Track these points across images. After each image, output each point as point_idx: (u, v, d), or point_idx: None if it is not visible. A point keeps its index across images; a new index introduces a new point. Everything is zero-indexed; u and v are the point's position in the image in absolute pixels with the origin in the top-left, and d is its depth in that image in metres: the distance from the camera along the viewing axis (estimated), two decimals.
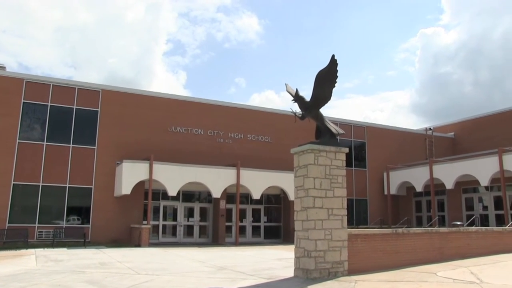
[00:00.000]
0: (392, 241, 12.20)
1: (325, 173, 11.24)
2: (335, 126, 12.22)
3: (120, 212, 25.20)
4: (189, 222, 27.74)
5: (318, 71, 11.24)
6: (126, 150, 25.86)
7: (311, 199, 10.94)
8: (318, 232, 10.82)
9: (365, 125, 35.54)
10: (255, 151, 29.81)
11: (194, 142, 28.16)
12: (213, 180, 25.84)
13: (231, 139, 29.47)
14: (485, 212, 29.12)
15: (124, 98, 26.90)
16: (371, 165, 34.58)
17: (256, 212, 29.94)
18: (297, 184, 11.53)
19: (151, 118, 27.22)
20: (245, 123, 30.05)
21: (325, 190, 11.15)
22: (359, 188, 33.64)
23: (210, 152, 28.32)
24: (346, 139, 32.85)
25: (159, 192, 26.46)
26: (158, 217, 26.79)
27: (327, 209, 11.07)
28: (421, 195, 33.13)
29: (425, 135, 37.84)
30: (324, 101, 11.65)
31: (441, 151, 37.21)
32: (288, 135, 29.63)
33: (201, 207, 28.32)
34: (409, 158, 35.42)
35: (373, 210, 33.76)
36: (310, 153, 11.22)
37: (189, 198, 28.22)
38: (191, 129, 28.34)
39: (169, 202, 27.26)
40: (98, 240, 24.32)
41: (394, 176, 33.37)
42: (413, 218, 33.71)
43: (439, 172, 29.70)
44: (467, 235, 14.68)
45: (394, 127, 37.55)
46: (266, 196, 30.02)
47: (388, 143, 35.51)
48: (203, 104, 29.21)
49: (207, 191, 26.86)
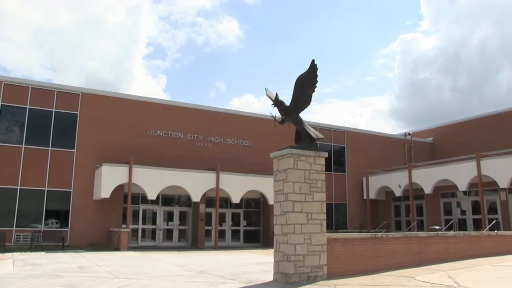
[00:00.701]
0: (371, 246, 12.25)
1: (305, 178, 11.24)
2: (314, 130, 12.25)
3: (99, 215, 24.91)
4: (169, 226, 27.54)
5: (298, 76, 11.27)
6: (106, 154, 25.59)
7: (290, 203, 10.93)
8: (298, 236, 10.82)
9: (344, 129, 35.77)
10: (234, 155, 29.78)
11: (173, 146, 28.01)
12: (192, 184, 25.73)
13: (210, 143, 29.39)
14: (463, 217, 29.50)
15: (104, 101, 26.64)
16: (350, 170, 34.80)
17: (236, 216, 29.86)
18: (276, 188, 11.52)
19: (130, 122, 27.01)
20: (225, 127, 30.00)
21: (305, 195, 11.15)
22: (339, 193, 33.81)
23: (190, 156, 28.20)
24: (325, 143, 33.01)
25: (138, 196, 26.23)
26: (137, 221, 26.54)
27: (306, 213, 11.06)
28: (400, 200, 33.43)
29: (404, 140, 38.26)
30: (304, 105, 11.67)
31: (420, 156, 37.65)
32: (267, 139, 29.67)
33: (180, 211, 28.14)
34: (388, 163, 35.74)
35: (352, 214, 33.95)
36: (289, 157, 11.22)
37: (168, 202, 28.03)
38: (171, 132, 28.19)
39: (149, 206, 27.03)
40: (77, 243, 23.99)
41: (374, 180, 33.62)
42: (392, 222, 34.00)
43: (418, 177, 29.99)
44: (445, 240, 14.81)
45: (374, 132, 37.88)
46: (245, 200, 29.98)
47: (367, 148, 35.79)
48: (183, 108, 29.09)
49: (187, 195, 26.72)
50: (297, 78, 11.32)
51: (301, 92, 11.42)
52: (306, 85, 11.29)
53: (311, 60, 11.04)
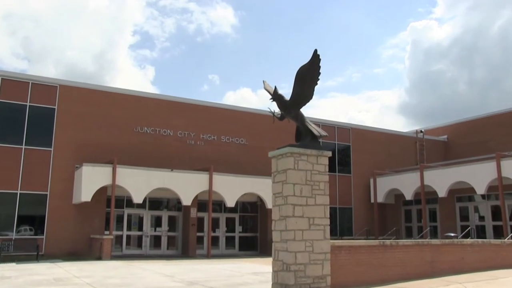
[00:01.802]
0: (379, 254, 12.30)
1: (306, 179, 11.29)
2: (317, 127, 12.29)
3: (79, 221, 24.90)
4: (156, 232, 27.57)
5: (299, 68, 11.31)
6: (87, 153, 25.57)
7: (290, 207, 10.98)
8: (298, 243, 10.87)
9: (349, 126, 35.85)
10: (229, 154, 29.82)
11: (162, 144, 28.03)
12: (183, 186, 25.76)
13: (203, 141, 29.42)
14: (481, 223, 29.57)
15: (85, 94, 26.62)
16: (356, 171, 34.89)
17: (231, 221, 29.90)
18: (275, 191, 11.57)
19: (115, 117, 27.01)
20: (219, 124, 30.03)
21: (306, 198, 11.20)
22: (343, 196, 33.90)
23: (180, 155, 28.22)
24: (329, 141, 33.09)
25: (123, 199, 26.24)
26: (121, 227, 26.54)
27: (308, 218, 11.12)
28: (411, 204, 33.53)
29: (415, 138, 38.36)
30: (305, 100, 11.71)
31: (432, 156, 37.76)
32: (265, 137, 29.68)
33: (169, 216, 28.17)
34: (398, 163, 35.85)
35: (358, 219, 34.05)
36: (289, 156, 11.27)
37: (156, 205, 28.05)
38: (159, 129, 28.20)
39: (134, 210, 27.04)
40: (54, 253, 23.95)
41: (382, 182, 33.72)
42: (402, 228, 34.11)
43: (430, 178, 30.07)
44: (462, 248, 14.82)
45: (382, 129, 37.98)
46: (241, 204, 30.01)
47: (375, 147, 35.88)
48: (173, 103, 29.11)
49: (177, 198, 26.75)
50: (298, 70, 11.35)
51: (302, 86, 11.46)
52: (308, 78, 11.33)
53: (313, 50, 11.07)
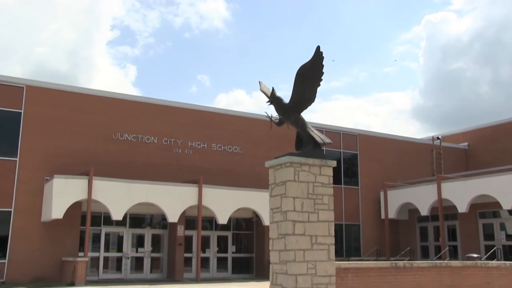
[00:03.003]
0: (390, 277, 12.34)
1: (308, 192, 11.33)
2: (320, 134, 12.34)
3: (49, 241, 24.77)
4: (138, 253, 27.53)
5: (300, 67, 11.37)
6: (58, 163, 25.51)
7: (290, 224, 11.00)
8: (299, 265, 10.88)
9: (357, 132, 35.95)
10: (221, 164, 29.82)
11: (145, 153, 28.01)
12: (168, 201, 25.72)
13: (191, 149, 29.43)
14: (508, 243, 29.56)
15: (56, 97, 26.60)
16: (364, 183, 34.94)
17: (223, 240, 29.89)
18: (273, 206, 11.59)
19: (91, 123, 26.97)
20: (209, 130, 30.06)
21: (308, 213, 11.23)
22: (350, 211, 33.93)
23: (166, 165, 28.20)
24: (333, 150, 33.12)
25: (100, 216, 26.20)
26: (98, 248, 26.49)
27: (310, 236, 11.14)
28: (427, 220, 33.54)
29: (431, 146, 38.45)
30: (307, 103, 11.76)
31: (451, 166, 37.84)
32: (262, 145, 29.72)
33: (153, 235, 28.13)
34: (412, 174, 35.89)
35: (367, 238, 34.07)
36: (289, 167, 11.30)
37: (138, 223, 28.02)
38: (141, 136, 28.19)
39: (113, 228, 27.00)
40: (18, 279, 23.68)
41: (393, 196, 33.73)
42: (417, 248, 34.09)
43: (449, 191, 30.00)
44: (487, 271, 14.83)
45: (393, 135, 38.09)
46: (235, 221, 30.00)
47: (385, 156, 35.96)
48: (157, 106, 29.13)
49: (161, 214, 26.72)
50: (298, 70, 11.41)
51: (303, 87, 11.52)
52: (309, 78, 11.39)
53: (316, 47, 11.14)
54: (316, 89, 11.56)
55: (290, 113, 11.97)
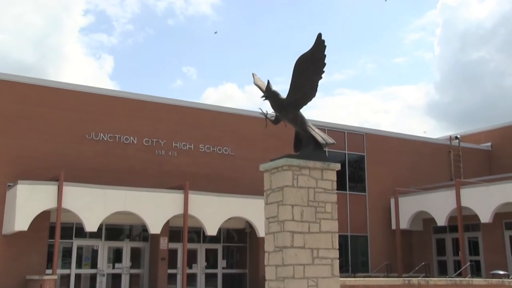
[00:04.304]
0: None
1: (308, 199, 11.36)
2: (322, 133, 12.36)
3: (11, 257, 24.65)
4: (115, 269, 27.53)
5: (299, 57, 11.40)
6: (23, 167, 25.47)
7: (288, 235, 11.03)
8: (299, 282, 10.91)
9: (363, 132, 36.06)
10: (210, 167, 29.85)
11: (123, 155, 28.01)
12: (150, 209, 25.70)
13: (176, 150, 29.46)
14: None
15: (21, 91, 26.57)
16: (372, 188, 35.02)
17: (212, 254, 29.93)
18: (268, 215, 11.62)
19: (61, 121, 26.95)
20: (197, 129, 30.10)
21: (308, 223, 11.26)
22: (357, 221, 34.01)
23: (147, 169, 28.22)
24: (337, 151, 33.21)
25: (71, 227, 26.20)
26: (69, 264, 26.44)
27: (311, 249, 11.17)
28: (445, 231, 33.58)
29: (449, 147, 38.58)
30: (307, 98, 11.79)
31: (472, 169, 37.96)
32: (256, 146, 29.79)
33: (132, 248, 28.15)
34: (427, 178, 36.00)
35: (376, 251, 34.15)
36: (286, 170, 11.33)
37: (115, 235, 28.03)
38: (119, 136, 28.20)
39: (87, 241, 27.01)
40: None
41: (406, 203, 33.76)
42: (434, 263, 34.16)
43: (470, 198, 29.95)
44: None
45: (405, 134, 38.29)
46: (225, 232, 30.08)
47: (396, 158, 36.08)
48: (137, 102, 29.16)
49: (142, 225, 26.75)
50: (297, 60, 11.44)
51: (302, 80, 11.54)
52: (310, 70, 11.42)
53: (317, 35, 11.17)
54: (317, 82, 11.57)
55: (287, 110, 11.98)
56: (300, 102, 11.94)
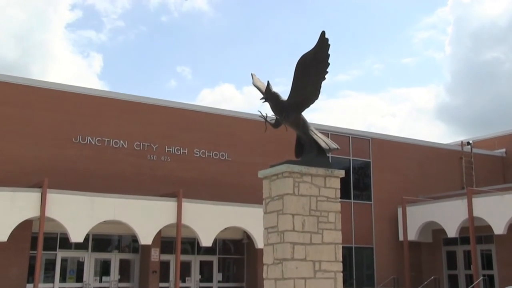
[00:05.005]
0: None
1: (310, 208, 11.40)
2: (325, 137, 12.42)
3: None
4: (103, 283, 27.52)
5: (301, 57, 11.45)
6: (3, 172, 25.39)
7: (288, 246, 11.06)
8: None
9: (369, 136, 36.11)
10: (205, 174, 29.85)
11: (113, 160, 28.01)
12: (141, 218, 25.70)
13: (169, 155, 29.47)
14: None
15: (3, 91, 26.53)
16: (379, 197, 35.04)
17: (207, 266, 29.95)
18: (267, 224, 11.65)
19: (45, 123, 26.94)
20: (191, 132, 30.13)
21: (310, 234, 11.30)
22: (362, 231, 34.02)
23: (138, 175, 28.23)
24: (341, 157, 33.23)
25: (55, 237, 26.22)
26: (52, 277, 26.45)
27: (312, 262, 11.20)
28: (456, 243, 33.54)
29: (460, 153, 38.60)
30: (309, 100, 11.83)
31: (485, 177, 37.99)
32: (255, 151, 29.80)
33: (121, 260, 28.16)
34: (436, 186, 36.04)
35: (382, 264, 34.13)
36: (287, 177, 11.37)
37: (103, 245, 28.04)
38: (108, 140, 28.21)
39: (72, 253, 27.02)
40: None
41: (414, 213, 33.76)
42: (444, 277, 34.16)
43: (483, 208, 29.90)
44: None
45: (414, 139, 38.32)
46: (221, 242, 30.09)
47: (404, 164, 36.11)
48: (128, 103, 29.18)
49: (132, 235, 26.76)
50: (299, 60, 11.48)
51: (304, 81, 11.58)
52: (313, 70, 11.46)
53: (320, 33, 11.22)
54: (321, 83, 11.63)
55: (289, 113, 12.02)
56: (302, 105, 11.98)
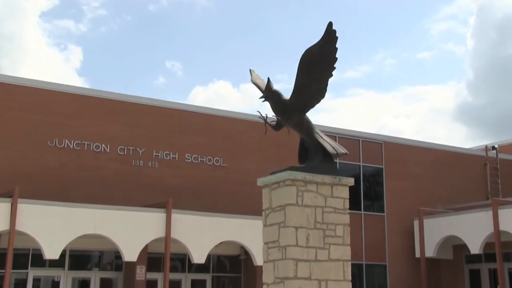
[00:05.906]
0: None
1: (315, 220, 11.40)
2: (332, 141, 12.43)
3: None
4: None
5: (305, 51, 11.47)
6: None
7: (291, 263, 11.07)
8: None
9: (381, 140, 36.15)
10: (198, 181, 29.87)
11: (93, 166, 28.02)
12: (124, 232, 25.70)
13: (157, 160, 29.49)
14: None
15: None
16: (392, 208, 35.04)
17: (199, 285, 29.99)
18: (268, 239, 11.66)
19: (17, 124, 26.95)
20: (182, 135, 30.16)
21: (316, 249, 11.31)
22: (373, 246, 34.02)
23: (122, 183, 28.23)
24: (350, 163, 33.24)
25: (27, 254, 26.22)
26: None
27: (318, 280, 11.21)
28: (480, 261, 33.63)
29: (484, 158, 38.61)
30: (314, 99, 11.85)
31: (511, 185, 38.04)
32: (253, 156, 29.84)
33: (103, 279, 28.16)
34: (457, 196, 36.03)
35: (396, 283, 34.14)
36: (290, 185, 11.38)
37: (82, 263, 28.06)
38: (88, 143, 28.21)
39: (46, 271, 27.03)
40: None
41: (432, 226, 33.75)
42: None
43: (510, 221, 29.89)
44: None
45: (431, 143, 38.42)
46: (215, 259, 30.09)
47: (420, 171, 36.14)
48: (111, 102, 29.23)
49: (115, 251, 26.75)
50: (303, 55, 11.52)
51: (309, 78, 11.60)
52: (318, 66, 11.48)
53: (327, 24, 11.23)
54: (327, 80, 11.66)
55: (291, 113, 12.02)
56: (306, 104, 12.00)
